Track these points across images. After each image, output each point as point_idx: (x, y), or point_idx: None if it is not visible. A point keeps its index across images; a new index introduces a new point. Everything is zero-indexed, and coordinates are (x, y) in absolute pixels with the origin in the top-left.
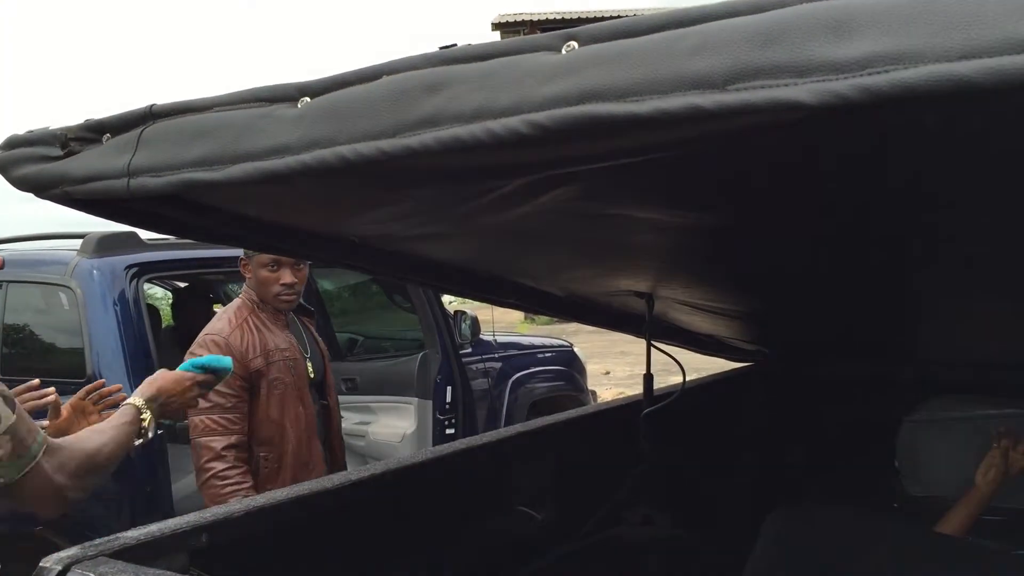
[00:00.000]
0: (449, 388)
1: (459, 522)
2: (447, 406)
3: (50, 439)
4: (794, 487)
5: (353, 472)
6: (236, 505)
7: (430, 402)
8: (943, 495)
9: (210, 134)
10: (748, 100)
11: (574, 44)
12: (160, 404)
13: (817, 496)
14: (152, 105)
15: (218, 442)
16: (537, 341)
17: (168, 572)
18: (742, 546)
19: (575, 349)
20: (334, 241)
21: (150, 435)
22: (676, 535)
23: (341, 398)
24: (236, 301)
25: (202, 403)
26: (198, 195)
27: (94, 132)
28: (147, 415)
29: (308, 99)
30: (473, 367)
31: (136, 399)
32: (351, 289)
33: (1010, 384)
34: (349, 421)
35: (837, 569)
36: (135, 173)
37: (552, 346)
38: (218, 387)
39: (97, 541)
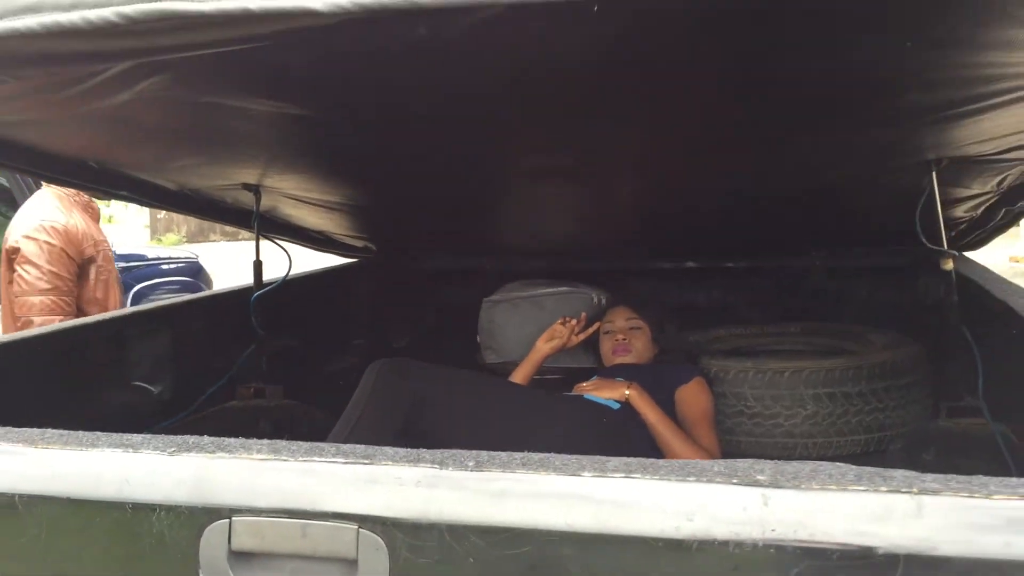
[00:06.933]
0: None
1: (71, 395)
2: None
3: None
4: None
5: None
6: None
7: None
8: (514, 359)
9: None
10: (280, 6)
11: None
12: None
13: None
14: None
15: (57, 320)
16: (163, 253)
17: None
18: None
19: (200, 261)
20: None
21: None
22: (285, 404)
23: None
24: (48, 189)
25: (41, 284)
26: None
27: None
28: None
29: None
30: None
31: None
32: None
33: (566, 269)
34: None
35: (427, 402)
36: None
37: (178, 258)
38: (59, 272)
39: None
